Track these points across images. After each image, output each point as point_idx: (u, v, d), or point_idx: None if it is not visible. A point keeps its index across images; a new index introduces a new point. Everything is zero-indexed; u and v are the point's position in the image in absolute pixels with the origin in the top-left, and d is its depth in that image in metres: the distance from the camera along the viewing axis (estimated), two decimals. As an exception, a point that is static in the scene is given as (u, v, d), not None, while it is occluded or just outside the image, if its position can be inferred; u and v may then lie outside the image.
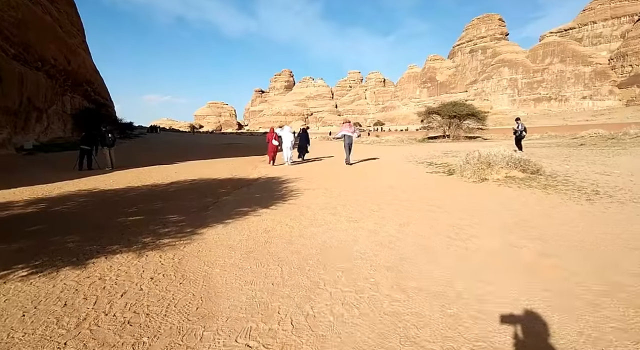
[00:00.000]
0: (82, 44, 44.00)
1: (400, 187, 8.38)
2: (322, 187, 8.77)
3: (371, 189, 8.24)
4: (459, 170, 9.46)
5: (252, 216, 5.97)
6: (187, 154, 22.23)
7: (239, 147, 31.56)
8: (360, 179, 10.18)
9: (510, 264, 3.62)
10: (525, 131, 16.13)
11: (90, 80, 41.37)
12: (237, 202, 7.28)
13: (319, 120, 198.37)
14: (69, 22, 39.72)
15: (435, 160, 13.75)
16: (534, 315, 2.61)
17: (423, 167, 12.05)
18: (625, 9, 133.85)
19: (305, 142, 16.92)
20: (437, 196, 7.10)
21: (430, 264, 3.65)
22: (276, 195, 7.95)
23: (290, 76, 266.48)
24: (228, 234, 4.96)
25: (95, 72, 45.32)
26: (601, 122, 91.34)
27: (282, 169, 13.62)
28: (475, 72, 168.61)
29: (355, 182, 9.60)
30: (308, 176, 11.11)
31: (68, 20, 39.86)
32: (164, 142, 40.87)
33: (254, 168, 14.28)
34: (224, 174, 12.36)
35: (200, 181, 10.52)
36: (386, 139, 40.75)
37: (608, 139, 24.31)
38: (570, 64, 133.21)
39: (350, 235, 4.72)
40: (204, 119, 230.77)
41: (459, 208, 6.04)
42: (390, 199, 7.05)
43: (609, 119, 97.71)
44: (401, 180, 9.54)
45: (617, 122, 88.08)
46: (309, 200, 7.18)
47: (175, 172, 12.80)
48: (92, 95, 41.68)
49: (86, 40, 46.43)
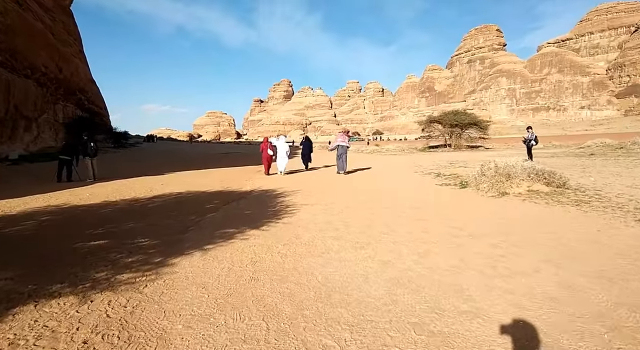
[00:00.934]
0: (78, 53, 43.45)
1: (410, 202, 7.43)
2: (321, 202, 7.81)
3: (377, 205, 7.28)
4: (473, 182, 8.53)
5: (238, 240, 4.98)
6: (180, 164, 21.28)
7: (235, 157, 30.65)
8: (364, 192, 9.23)
9: (586, 320, 2.63)
10: (536, 141, 15.26)
11: (84, 89, 40.61)
12: (223, 220, 6.30)
13: (317, 129, 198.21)
14: (64, 30, 39.17)
15: (443, 171, 12.82)
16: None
17: (431, 179, 11.12)
18: (622, 20, 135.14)
19: (308, 150, 16.52)
20: (455, 214, 6.14)
21: (473, 320, 2.67)
22: (269, 212, 6.97)
23: (289, 86, 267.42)
24: (205, 266, 3.97)
25: (90, 81, 44.64)
26: (600, 131, 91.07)
27: (277, 180, 12.68)
28: (474, 82, 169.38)
29: (358, 195, 8.64)
30: (306, 189, 10.15)
31: (64, 29, 39.31)
32: (158, 151, 39.91)
33: (248, 179, 13.32)
34: (215, 185, 11.39)
35: (186, 195, 9.55)
36: (386, 148, 39.91)
37: (616, 148, 23.51)
38: (568, 74, 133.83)
39: (359, 269, 3.74)
40: (203, 129, 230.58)
41: (485, 231, 5.07)
42: (401, 217, 6.09)
43: (608, 128, 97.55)
44: (410, 193, 8.58)
45: (616, 131, 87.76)
46: (307, 219, 6.21)
47: (162, 183, 11.82)
48: (85, 104, 40.88)
49: (83, 50, 45.91)
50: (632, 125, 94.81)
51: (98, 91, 48.37)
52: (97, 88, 48.41)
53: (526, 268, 3.63)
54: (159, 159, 26.39)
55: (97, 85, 49.02)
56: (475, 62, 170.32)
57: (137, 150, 40.10)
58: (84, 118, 36.11)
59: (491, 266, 3.70)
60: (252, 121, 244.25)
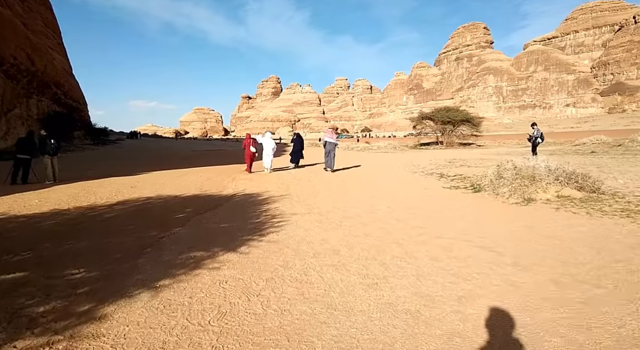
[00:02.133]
0: (57, 46, 41.32)
1: (420, 210, 6.24)
2: (314, 211, 6.55)
3: (382, 215, 6.07)
4: (488, 185, 7.38)
5: (206, 270, 3.70)
6: (159, 162, 19.72)
7: (220, 154, 29.11)
8: (364, 196, 8.01)
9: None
10: (542, 138, 14.29)
11: (60, 83, 38.40)
12: (191, 238, 4.98)
13: (306, 126, 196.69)
14: (41, 22, 37.02)
15: (445, 171, 11.70)
16: None
17: (435, 180, 9.97)
18: (605, 19, 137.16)
19: (299, 147, 15.98)
20: (481, 229, 4.97)
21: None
22: (251, 225, 5.68)
23: (278, 82, 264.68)
24: (148, 323, 2.67)
25: (67, 74, 42.44)
26: (586, 129, 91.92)
27: (263, 181, 11.36)
28: (461, 80, 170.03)
29: (357, 201, 7.42)
30: (295, 192, 8.88)
31: (41, 21, 37.15)
32: (139, 148, 37.99)
33: (231, 180, 11.97)
34: (192, 188, 10.01)
35: (156, 200, 8.17)
36: (377, 145, 38.85)
37: (614, 146, 22.90)
38: (554, 72, 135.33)
39: (377, 331, 2.49)
40: (190, 125, 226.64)
41: (531, 255, 3.89)
42: (416, 233, 4.88)
43: (593, 126, 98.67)
44: (417, 199, 7.40)
45: (601, 129, 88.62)
46: (297, 236, 4.95)
47: (132, 186, 10.37)
48: (62, 98, 38.67)
49: (63, 43, 43.68)
50: (617, 122, 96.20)
51: (77, 85, 46.18)
52: (76, 82, 46.23)
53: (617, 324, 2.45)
54: (138, 157, 24.70)
55: (76, 80, 46.83)
56: (463, 60, 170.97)
57: (117, 148, 38.12)
58: (60, 113, 34.06)
59: (579, 326, 2.49)
60: (239, 118, 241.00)
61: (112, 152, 30.39)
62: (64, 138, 31.83)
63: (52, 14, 42.19)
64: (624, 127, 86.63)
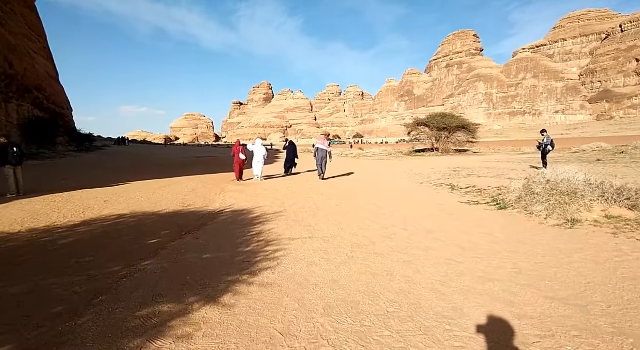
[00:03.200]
0: (42, 49, 39.89)
1: (446, 236, 5.19)
2: (316, 234, 5.45)
3: (400, 241, 4.99)
4: (517, 202, 6.37)
5: (170, 343, 2.56)
6: (143, 171, 18.42)
7: (209, 162, 27.85)
8: (371, 213, 6.93)
9: None
10: (552, 146, 13.40)
11: (42, 87, 36.85)
12: (161, 278, 3.83)
13: (298, 132, 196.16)
14: (25, 24, 35.63)
15: (454, 182, 10.70)
16: None
17: (447, 193, 8.95)
18: (593, 28, 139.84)
19: (292, 155, 15.62)
20: (538, 267, 3.89)
21: None
22: (239, 256, 4.54)
23: (269, 88, 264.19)
24: None
25: (51, 78, 40.88)
26: (576, 136, 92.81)
27: (255, 193, 10.22)
28: (452, 87, 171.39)
29: (365, 220, 6.34)
30: (293, 208, 7.77)
31: (25, 24, 35.74)
32: (125, 155, 36.44)
33: (219, 192, 10.80)
34: (174, 202, 8.83)
35: (129, 220, 6.98)
36: (372, 152, 37.97)
37: (616, 153, 22.32)
38: (543, 79, 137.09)
39: None
40: (180, 131, 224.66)
41: (628, 316, 2.84)
42: (453, 272, 3.80)
43: (583, 133, 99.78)
44: (435, 218, 6.35)
45: (592, 136, 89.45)
46: (299, 275, 3.83)
47: (105, 200, 9.13)
48: (44, 103, 37.08)
49: (48, 46, 42.20)
50: (606, 129, 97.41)
51: (62, 90, 44.63)
52: (61, 87, 44.69)
53: None
54: (122, 165, 23.30)
55: (62, 85, 45.30)
56: (454, 67, 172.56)
57: (102, 155, 36.49)
58: (42, 118, 32.49)
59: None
60: (231, 124, 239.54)
61: (96, 159, 28.89)
62: (46, 144, 30.31)
63: (37, 17, 40.85)
64: (613, 134, 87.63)
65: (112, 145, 62.09)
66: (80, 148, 40.06)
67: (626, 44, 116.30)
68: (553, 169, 6.64)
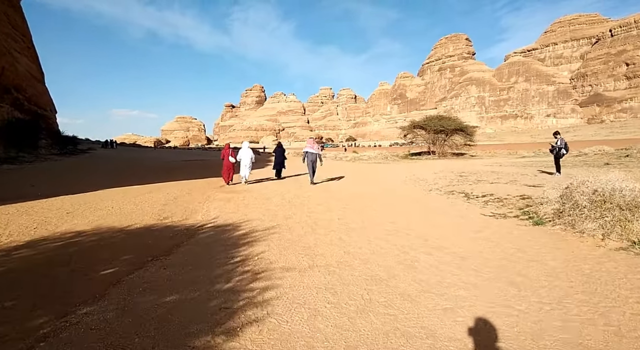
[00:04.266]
0: (26, 49, 38.31)
1: (484, 264, 4.06)
2: (318, 262, 4.27)
3: (429, 273, 3.84)
4: (552, 215, 5.29)
5: None
6: (125, 176, 17.05)
7: (198, 166, 26.51)
8: (382, 230, 5.78)
9: None
10: (566, 149, 12.40)
11: (22, 87, 35.20)
12: (98, 339, 2.64)
13: (290, 135, 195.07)
14: (8, 23, 34.10)
15: (467, 190, 9.62)
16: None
17: (463, 203, 7.86)
18: (583, 32, 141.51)
19: (281, 158, 15.48)
20: (634, 317, 2.80)
21: None
22: (216, 297, 3.34)
23: (262, 91, 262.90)
24: None
25: (34, 78, 39.22)
26: (569, 139, 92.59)
27: (244, 204, 9.01)
28: (444, 90, 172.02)
29: (377, 240, 5.19)
30: (287, 222, 6.59)
31: (8, 22, 34.20)
32: (110, 159, 34.84)
33: (204, 200, 9.58)
34: (149, 214, 7.58)
35: (88, 238, 5.73)
36: (367, 155, 36.95)
37: (621, 157, 21.60)
38: (535, 83, 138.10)
39: None
40: (172, 134, 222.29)
41: None
42: (515, 321, 2.67)
43: (575, 136, 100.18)
44: (462, 237, 5.22)
45: (583, 139, 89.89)
46: (299, 335, 2.65)
47: (68, 212, 7.85)
48: (25, 104, 35.42)
49: (33, 46, 40.56)
50: (598, 133, 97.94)
51: (45, 91, 42.98)
52: (44, 88, 43.01)
53: None
54: (104, 169, 21.85)
55: (46, 85, 43.68)
56: (446, 70, 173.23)
57: (86, 158, 34.88)
58: (22, 120, 30.80)
59: None
60: (223, 127, 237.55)
61: (78, 163, 27.34)
62: (26, 148, 28.65)
63: (22, 16, 39.30)
64: (604, 137, 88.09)
65: (98, 148, 60.17)
66: (63, 151, 38.31)
67: (616, 48, 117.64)
68: (569, 175, 5.54)
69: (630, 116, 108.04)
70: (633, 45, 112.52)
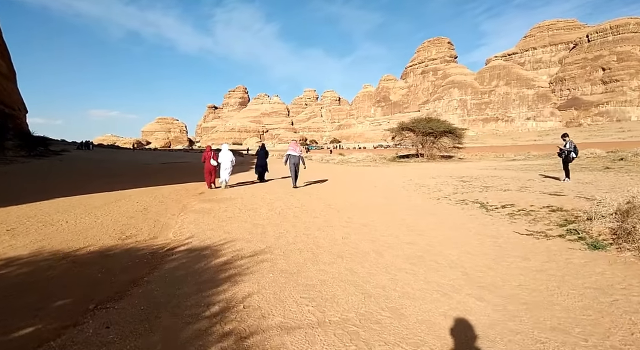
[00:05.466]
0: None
1: (552, 311, 2.93)
2: (330, 314, 3.06)
3: (490, 331, 2.69)
4: (610, 235, 4.23)
5: None
6: (93, 181, 15.37)
7: (177, 168, 24.84)
8: (401, 253, 4.60)
9: None
10: (575, 152, 11.54)
11: (-16, 84, 32.84)
12: None
13: (274, 137, 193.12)
14: (-25, 19, 31.76)
15: (478, 198, 8.56)
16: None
17: (482, 215, 6.78)
18: (561, 37, 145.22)
19: (264, 160, 15.07)
20: None
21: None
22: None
23: (245, 92, 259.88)
24: None
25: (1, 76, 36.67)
26: (549, 142, 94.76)
27: (226, 216, 7.69)
28: (427, 93, 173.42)
29: (401, 271, 4.00)
30: (279, 243, 5.33)
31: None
32: (82, 161, 32.58)
33: (178, 212, 8.22)
34: (108, 232, 6.18)
35: (16, 271, 4.33)
36: (355, 158, 35.91)
37: (615, 160, 21.19)
38: (515, 86, 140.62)
39: None
40: (152, 135, 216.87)
41: None
42: None
43: (555, 139, 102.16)
44: (509, 267, 4.09)
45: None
46: None
47: (9, 228, 6.36)
48: (-12, 103, 33.05)
49: (4, 43, 37.92)
50: (577, 136, 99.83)
51: (14, 90, 40.37)
52: (14, 86, 40.39)
53: None
54: (71, 174, 19.96)
55: (16, 84, 41.10)
56: (429, 73, 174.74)
57: (56, 160, 32.51)
58: (-15, 121, 28.54)
59: None
60: (205, 128, 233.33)
61: (46, 166, 25.20)
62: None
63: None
64: (583, 140, 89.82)
65: (73, 149, 57.11)
66: (32, 153, 35.78)
67: (592, 53, 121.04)
68: (578, 180, 4.52)
69: (606, 120, 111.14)
70: (609, 51, 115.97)
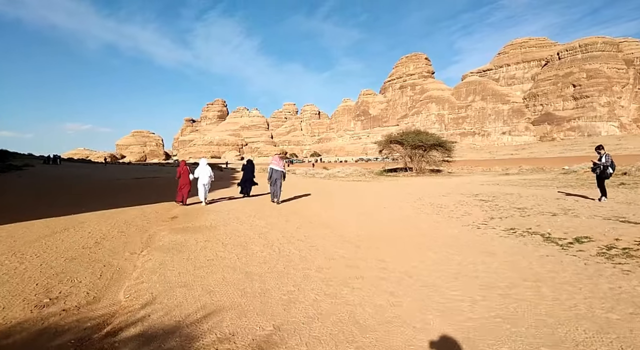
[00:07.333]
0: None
1: None
2: None
3: None
4: None
5: None
6: (44, 203, 12.82)
7: (149, 185, 22.34)
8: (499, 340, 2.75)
9: None
10: (613, 167, 10.02)
11: None
12: None
13: (254, 150, 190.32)
14: None
15: (531, 226, 6.87)
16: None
17: (558, 253, 5.07)
18: (533, 55, 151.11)
19: (250, 175, 14.49)
20: None
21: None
22: None
23: (224, 106, 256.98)
24: None
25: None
26: (525, 156, 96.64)
27: (205, 257, 5.65)
28: (406, 107, 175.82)
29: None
30: (288, 314, 3.38)
31: None
32: (43, 178, 29.31)
33: (141, 249, 6.10)
34: (23, 294, 4.03)
35: None
36: (343, 171, 34.20)
37: (618, 174, 20.29)
38: (491, 101, 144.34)
39: None
40: (127, 149, 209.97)
41: None
42: None
43: (531, 153, 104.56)
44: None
45: (538, 156, 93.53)
46: None
47: None
48: None
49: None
50: (551, 150, 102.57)
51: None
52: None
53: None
54: (27, 191, 17.16)
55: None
56: (407, 88, 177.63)
57: (14, 177, 29.11)
58: None
59: None
60: (182, 141, 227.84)
61: None
62: None
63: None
64: (559, 154, 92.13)
65: (38, 164, 52.81)
66: (-16, 168, 32.14)
67: (563, 70, 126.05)
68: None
69: (578, 134, 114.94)
70: (579, 68, 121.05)
